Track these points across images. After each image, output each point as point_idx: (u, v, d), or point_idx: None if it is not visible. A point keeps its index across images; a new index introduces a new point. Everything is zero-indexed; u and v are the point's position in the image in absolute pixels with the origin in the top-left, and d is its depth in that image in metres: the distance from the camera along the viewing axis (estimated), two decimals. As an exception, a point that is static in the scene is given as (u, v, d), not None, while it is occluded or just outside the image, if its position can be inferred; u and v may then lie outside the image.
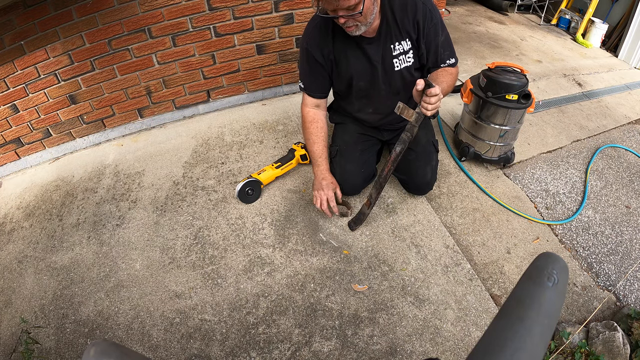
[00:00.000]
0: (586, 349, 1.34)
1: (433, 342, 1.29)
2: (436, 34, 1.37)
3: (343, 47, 1.41)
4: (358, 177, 1.66)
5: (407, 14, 1.34)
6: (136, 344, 1.30)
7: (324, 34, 1.39)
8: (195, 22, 1.95)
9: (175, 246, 1.58)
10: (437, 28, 1.37)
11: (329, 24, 1.37)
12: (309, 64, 1.47)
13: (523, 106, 1.78)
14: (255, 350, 1.26)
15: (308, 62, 1.46)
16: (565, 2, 4.18)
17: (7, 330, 1.38)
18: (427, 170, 1.65)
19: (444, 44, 1.41)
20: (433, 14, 1.34)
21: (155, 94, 2.13)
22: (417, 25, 1.35)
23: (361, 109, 1.62)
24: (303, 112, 1.57)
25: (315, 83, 1.52)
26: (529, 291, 0.50)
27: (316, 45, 1.41)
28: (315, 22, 1.40)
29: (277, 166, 1.76)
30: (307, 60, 1.46)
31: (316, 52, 1.42)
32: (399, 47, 1.40)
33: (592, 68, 3.28)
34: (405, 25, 1.36)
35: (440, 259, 1.54)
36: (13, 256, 1.62)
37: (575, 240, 1.78)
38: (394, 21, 1.35)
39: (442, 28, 1.39)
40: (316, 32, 1.40)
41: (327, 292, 1.42)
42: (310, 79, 1.51)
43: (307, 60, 1.46)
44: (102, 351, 0.48)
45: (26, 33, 1.71)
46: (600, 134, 2.43)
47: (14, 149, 2.01)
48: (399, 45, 1.39)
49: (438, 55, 1.41)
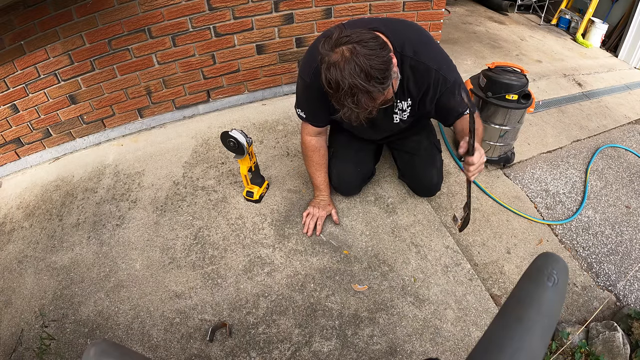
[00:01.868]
0: (586, 349, 1.34)
1: (433, 342, 1.29)
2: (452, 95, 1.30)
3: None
4: (354, 176, 1.66)
5: (415, 79, 1.28)
6: (136, 344, 1.30)
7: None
8: (195, 22, 1.95)
9: (175, 246, 1.58)
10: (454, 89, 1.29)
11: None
12: (308, 98, 1.39)
13: (523, 106, 1.78)
14: (255, 350, 1.26)
15: (308, 97, 1.38)
16: (565, 2, 4.18)
17: (7, 330, 1.38)
18: (433, 173, 1.65)
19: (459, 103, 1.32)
20: (447, 79, 1.26)
21: (155, 94, 2.13)
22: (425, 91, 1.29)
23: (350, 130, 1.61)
24: (304, 140, 1.50)
25: (316, 115, 1.43)
26: (529, 291, 0.50)
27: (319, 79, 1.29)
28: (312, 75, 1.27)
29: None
30: (307, 94, 1.38)
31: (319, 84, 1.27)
32: (400, 105, 1.36)
33: (592, 68, 3.29)
34: (410, 88, 1.30)
35: (440, 259, 1.54)
36: (13, 256, 1.62)
37: (575, 240, 1.78)
38: (401, 83, 1.28)
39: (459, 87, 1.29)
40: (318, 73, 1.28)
41: (327, 292, 1.42)
42: (311, 111, 1.43)
43: (308, 95, 1.38)
44: (102, 351, 0.48)
45: (26, 33, 1.70)
46: (600, 134, 2.43)
47: (14, 149, 2.01)
48: (400, 103, 1.36)
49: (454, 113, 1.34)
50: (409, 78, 1.27)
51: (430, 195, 1.77)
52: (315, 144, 1.51)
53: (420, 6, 2.27)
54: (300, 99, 1.42)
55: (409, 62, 1.24)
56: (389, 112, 1.39)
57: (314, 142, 1.50)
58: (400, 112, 1.39)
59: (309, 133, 1.48)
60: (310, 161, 1.54)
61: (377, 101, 1.07)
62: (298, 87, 1.40)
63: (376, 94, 1.04)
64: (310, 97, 1.37)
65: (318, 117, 1.43)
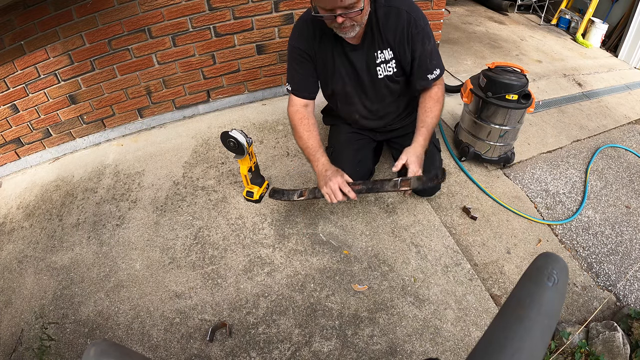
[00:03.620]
0: (586, 349, 1.34)
1: (433, 342, 1.29)
2: (422, 42, 1.34)
3: (328, 52, 1.40)
4: (353, 176, 1.66)
5: (389, 23, 1.33)
6: (136, 344, 1.30)
7: (312, 30, 1.37)
8: (195, 22, 1.95)
9: (175, 246, 1.58)
10: (423, 36, 1.34)
11: (316, 26, 1.36)
12: (296, 61, 1.44)
13: (523, 106, 1.78)
14: (255, 350, 1.26)
15: (295, 59, 1.43)
16: (565, 2, 4.18)
17: (7, 330, 1.38)
18: (432, 173, 1.65)
19: (431, 54, 1.38)
20: (417, 22, 1.32)
21: (155, 94, 2.13)
22: (400, 35, 1.33)
23: (348, 115, 1.61)
24: (290, 112, 1.49)
25: (303, 81, 1.46)
26: (529, 291, 0.50)
27: (304, 41, 1.39)
28: (302, 21, 1.40)
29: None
30: (294, 57, 1.43)
31: (304, 46, 1.40)
32: (381, 55, 1.38)
33: (592, 68, 3.28)
34: (387, 34, 1.34)
35: (440, 259, 1.54)
36: (13, 256, 1.62)
37: (575, 240, 1.78)
38: (377, 29, 1.34)
39: (428, 37, 1.35)
40: (304, 27, 1.38)
41: (327, 292, 1.42)
42: (298, 77, 1.46)
43: (295, 57, 1.43)
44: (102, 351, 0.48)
45: (26, 33, 1.70)
46: (600, 134, 2.43)
47: (14, 149, 2.01)
48: (381, 53, 1.38)
49: (423, 64, 1.38)
50: (383, 24, 1.33)
51: (431, 195, 1.78)
52: (302, 114, 1.47)
53: (420, 6, 2.25)
54: (288, 70, 1.47)
55: (382, 8, 1.31)
56: (372, 67, 1.40)
57: (301, 111, 1.47)
58: (384, 66, 1.40)
59: (294, 105, 1.48)
60: (300, 131, 1.45)
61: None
62: (287, 58, 1.47)
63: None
64: (295, 60, 1.42)
65: (303, 84, 1.46)
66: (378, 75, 1.43)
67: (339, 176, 1.37)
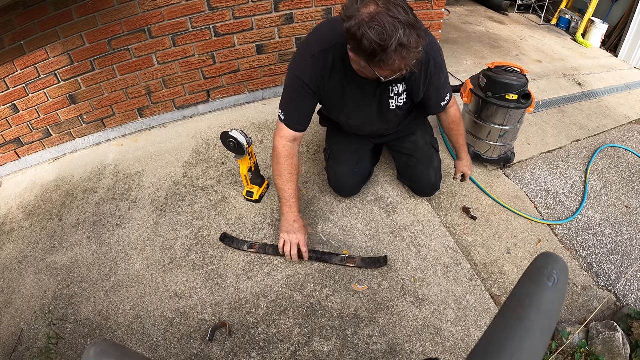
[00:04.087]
0: (586, 349, 1.34)
1: (433, 342, 1.29)
2: (438, 77, 1.35)
3: (341, 83, 1.33)
4: (352, 178, 1.67)
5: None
6: (136, 344, 1.30)
7: (322, 66, 1.28)
8: (195, 22, 1.95)
9: (175, 246, 1.58)
10: (440, 72, 1.34)
11: (329, 58, 1.28)
12: (297, 93, 1.33)
13: (523, 106, 1.78)
14: (255, 350, 1.26)
15: (296, 91, 1.33)
16: (565, 2, 4.18)
17: (7, 330, 1.38)
18: (431, 174, 1.66)
19: (444, 85, 1.40)
20: (436, 61, 1.30)
21: (155, 94, 2.13)
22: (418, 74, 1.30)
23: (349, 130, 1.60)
24: (277, 144, 1.39)
25: (298, 114, 1.37)
26: (529, 291, 0.50)
27: (312, 75, 1.29)
28: (313, 53, 1.28)
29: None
30: (296, 88, 1.33)
31: (311, 81, 1.30)
32: (395, 88, 1.36)
33: (592, 68, 3.29)
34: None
35: (440, 259, 1.54)
36: (13, 256, 1.62)
37: (575, 240, 1.78)
38: None
39: (443, 72, 1.36)
40: (314, 63, 1.28)
41: (327, 292, 1.42)
42: (295, 109, 1.37)
43: (297, 89, 1.33)
44: (102, 351, 0.48)
45: (26, 33, 1.70)
46: (600, 134, 2.43)
47: (14, 149, 2.01)
48: (395, 87, 1.36)
49: (438, 95, 1.41)
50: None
51: (430, 195, 1.78)
52: (290, 151, 1.39)
53: (420, 6, 2.27)
54: (284, 98, 1.36)
55: None
56: (385, 99, 1.38)
57: (288, 148, 1.38)
58: (396, 98, 1.39)
59: (283, 137, 1.37)
60: (281, 169, 1.38)
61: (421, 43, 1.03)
62: (285, 86, 1.35)
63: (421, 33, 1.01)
64: (296, 91, 1.32)
65: (299, 117, 1.37)
66: (389, 107, 1.41)
67: (303, 234, 1.42)
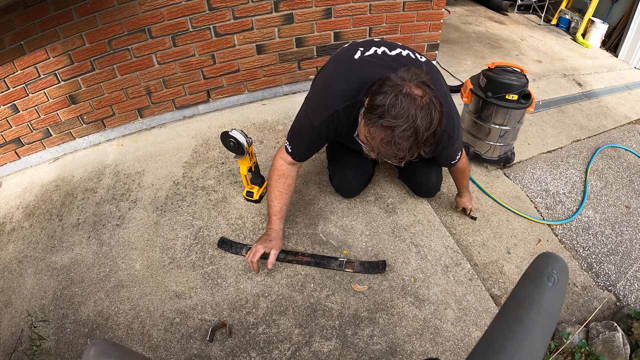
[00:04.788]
0: (586, 349, 1.34)
1: (433, 342, 1.29)
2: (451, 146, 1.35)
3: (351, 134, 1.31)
4: (355, 179, 1.67)
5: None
6: (136, 344, 1.30)
7: (344, 121, 1.29)
8: (195, 22, 1.95)
9: (175, 246, 1.58)
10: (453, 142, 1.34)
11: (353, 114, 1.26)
12: (312, 138, 1.35)
13: (523, 106, 1.78)
14: (255, 350, 1.26)
15: (313, 137, 1.34)
16: (565, 2, 4.18)
17: (7, 330, 1.38)
18: (432, 174, 1.66)
19: (456, 150, 1.41)
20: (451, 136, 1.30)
21: (155, 94, 2.13)
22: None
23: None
24: (277, 163, 1.42)
25: (306, 152, 1.40)
26: (529, 291, 0.50)
27: (330, 126, 1.30)
28: (338, 108, 1.25)
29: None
30: (312, 135, 1.33)
31: (328, 133, 1.32)
32: None
33: (592, 68, 3.29)
34: None
35: (440, 259, 1.54)
36: (13, 256, 1.62)
37: (575, 240, 1.78)
38: None
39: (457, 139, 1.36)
40: (337, 119, 1.28)
41: (327, 292, 1.42)
42: (304, 148, 1.39)
43: (313, 135, 1.33)
44: (102, 351, 0.48)
45: (26, 33, 1.70)
46: (600, 134, 2.43)
47: (14, 149, 2.01)
48: None
49: (449, 158, 1.43)
50: None
51: (431, 196, 1.78)
52: (287, 171, 1.42)
53: (420, 6, 2.28)
54: (295, 135, 1.36)
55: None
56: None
57: (286, 168, 1.41)
58: None
59: (284, 159, 1.41)
60: (275, 185, 1.42)
61: (419, 151, 1.06)
62: (299, 123, 1.34)
63: (421, 148, 1.05)
64: (311, 137, 1.34)
65: (305, 153, 1.40)
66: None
67: (276, 249, 1.42)
